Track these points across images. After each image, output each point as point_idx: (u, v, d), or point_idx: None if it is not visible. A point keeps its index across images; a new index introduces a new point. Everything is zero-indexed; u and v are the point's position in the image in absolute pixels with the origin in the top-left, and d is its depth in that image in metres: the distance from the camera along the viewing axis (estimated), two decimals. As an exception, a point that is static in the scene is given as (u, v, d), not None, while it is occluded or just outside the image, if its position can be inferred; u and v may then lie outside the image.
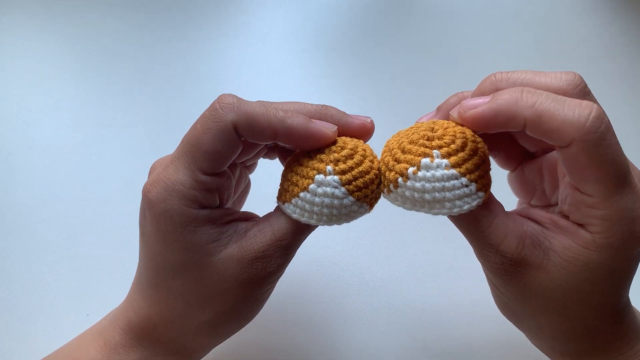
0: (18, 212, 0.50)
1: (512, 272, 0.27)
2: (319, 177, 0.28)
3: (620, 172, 0.25)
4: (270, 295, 0.33)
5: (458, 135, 0.28)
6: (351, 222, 0.30)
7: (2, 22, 0.64)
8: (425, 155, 0.27)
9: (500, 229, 0.28)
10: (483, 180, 0.28)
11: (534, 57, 0.66)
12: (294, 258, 0.31)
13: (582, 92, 0.27)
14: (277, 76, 0.62)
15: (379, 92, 0.62)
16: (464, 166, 0.27)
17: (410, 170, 0.27)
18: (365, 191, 0.28)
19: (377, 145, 0.35)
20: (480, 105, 0.26)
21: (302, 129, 0.28)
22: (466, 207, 0.27)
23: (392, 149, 0.29)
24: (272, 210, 0.31)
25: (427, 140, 0.28)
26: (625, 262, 0.26)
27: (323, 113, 0.30)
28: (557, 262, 0.27)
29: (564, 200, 0.28)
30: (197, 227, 0.28)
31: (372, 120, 0.31)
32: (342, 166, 0.28)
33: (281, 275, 0.31)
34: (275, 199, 0.31)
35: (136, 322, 0.31)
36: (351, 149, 0.29)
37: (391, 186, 0.28)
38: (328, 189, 0.28)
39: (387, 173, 0.29)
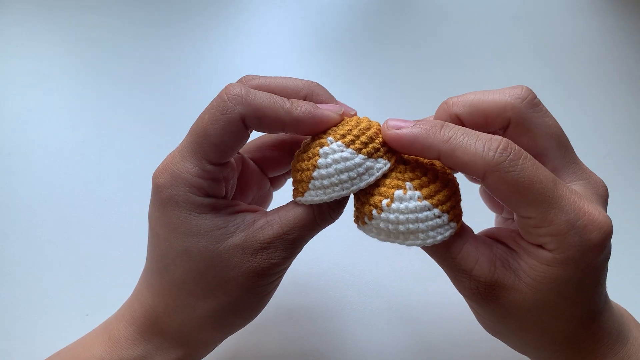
0: (18, 212, 0.50)
1: (487, 295, 0.28)
2: (323, 149, 0.28)
3: (545, 189, 0.25)
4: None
5: (429, 167, 0.28)
6: (375, 180, 0.28)
7: (2, 21, 0.64)
8: (399, 187, 0.28)
9: (471, 255, 0.28)
10: (455, 211, 0.28)
11: (534, 56, 0.66)
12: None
13: (530, 104, 0.28)
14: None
15: (380, 91, 0.62)
16: (435, 197, 0.27)
17: (384, 202, 0.28)
18: (373, 145, 0.28)
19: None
20: (403, 127, 0.27)
21: (309, 117, 0.28)
22: (439, 237, 0.27)
23: None
24: (284, 204, 0.31)
25: (400, 172, 0.28)
26: (590, 272, 0.27)
27: (310, 91, 0.31)
28: (527, 282, 0.27)
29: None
30: (201, 214, 0.28)
31: (356, 113, 0.31)
32: (340, 132, 0.28)
33: (286, 269, 0.31)
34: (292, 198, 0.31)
35: (141, 312, 0.31)
36: (345, 120, 0.29)
37: (365, 218, 0.29)
38: (336, 155, 0.28)
39: (361, 206, 0.29)
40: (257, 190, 0.37)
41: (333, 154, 0.28)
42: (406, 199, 0.27)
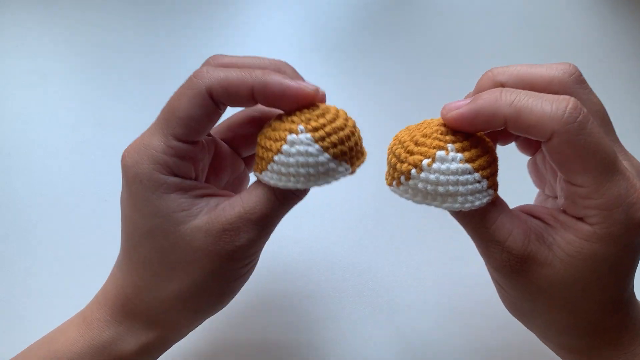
0: (18, 212, 0.50)
1: (518, 269, 0.27)
2: (291, 136, 0.27)
3: (607, 159, 0.25)
4: (269, 295, 0.33)
5: (470, 133, 0.28)
6: (332, 182, 0.28)
7: (2, 21, 0.64)
8: (440, 148, 0.27)
9: (505, 225, 0.27)
10: (493, 179, 0.28)
11: (536, 55, 0.66)
12: (292, 258, 0.31)
13: (577, 80, 0.28)
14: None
15: (381, 91, 0.61)
16: (477, 162, 0.27)
17: (425, 162, 0.27)
18: (341, 147, 0.28)
19: (378, 142, 0.34)
20: (462, 106, 0.27)
21: (277, 83, 0.28)
22: (477, 202, 0.27)
23: (404, 142, 0.28)
24: (247, 188, 0.31)
25: (441, 134, 0.28)
26: (627, 252, 0.26)
27: (277, 68, 0.30)
28: (561, 257, 0.27)
29: (561, 195, 0.28)
30: (165, 194, 0.28)
31: (324, 93, 0.29)
32: (313, 124, 0.27)
33: (254, 254, 0.31)
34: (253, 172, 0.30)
35: (113, 294, 0.31)
36: (323, 109, 0.28)
37: (402, 178, 0.28)
38: (301, 148, 0.27)
39: (398, 165, 0.28)
40: (232, 172, 0.36)
41: (300, 144, 0.27)
42: (448, 160, 0.27)
